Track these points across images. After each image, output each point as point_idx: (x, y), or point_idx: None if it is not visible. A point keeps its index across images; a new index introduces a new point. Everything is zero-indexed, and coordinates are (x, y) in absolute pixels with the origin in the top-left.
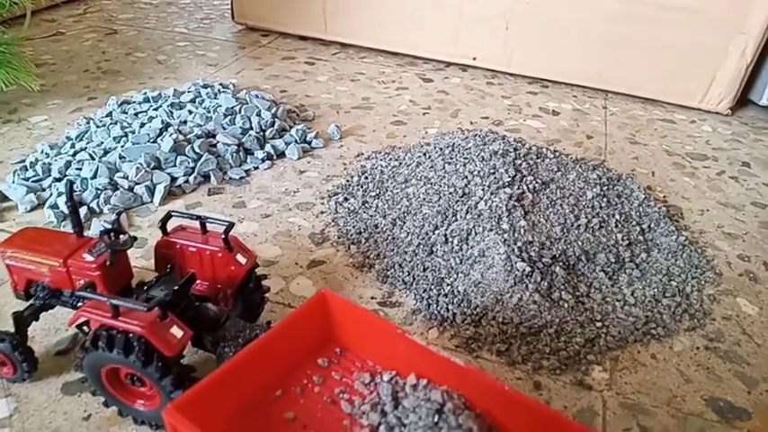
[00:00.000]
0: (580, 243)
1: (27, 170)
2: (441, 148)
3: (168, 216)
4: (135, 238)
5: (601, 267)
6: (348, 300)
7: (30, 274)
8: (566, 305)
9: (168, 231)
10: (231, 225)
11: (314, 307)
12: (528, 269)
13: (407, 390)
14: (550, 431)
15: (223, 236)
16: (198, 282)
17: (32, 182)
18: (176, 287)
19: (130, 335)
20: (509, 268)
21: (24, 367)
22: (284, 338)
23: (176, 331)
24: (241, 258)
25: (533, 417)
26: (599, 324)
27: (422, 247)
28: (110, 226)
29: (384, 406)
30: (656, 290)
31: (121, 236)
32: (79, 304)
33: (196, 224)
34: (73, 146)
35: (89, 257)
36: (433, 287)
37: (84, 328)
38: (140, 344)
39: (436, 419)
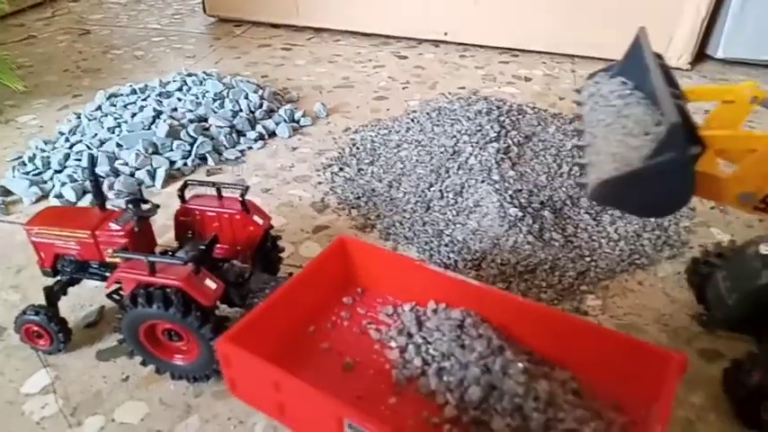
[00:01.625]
0: (564, 189)
1: (26, 164)
2: (428, 113)
3: (185, 184)
4: (158, 206)
5: (585, 210)
6: (365, 242)
7: (57, 249)
8: (556, 244)
9: (186, 199)
10: (246, 188)
11: (334, 251)
12: (520, 214)
13: (429, 314)
14: (561, 331)
15: (240, 198)
16: (219, 245)
17: (33, 175)
18: (203, 246)
19: (168, 289)
20: (503, 215)
21: (60, 338)
22: (311, 281)
23: (210, 283)
24: (258, 219)
25: (545, 320)
26: (588, 259)
27: (419, 204)
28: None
29: (409, 329)
30: (636, 226)
31: (144, 205)
32: (107, 274)
33: (211, 191)
34: (67, 140)
35: (116, 226)
36: (433, 239)
37: (114, 296)
38: (178, 297)
39: (458, 333)
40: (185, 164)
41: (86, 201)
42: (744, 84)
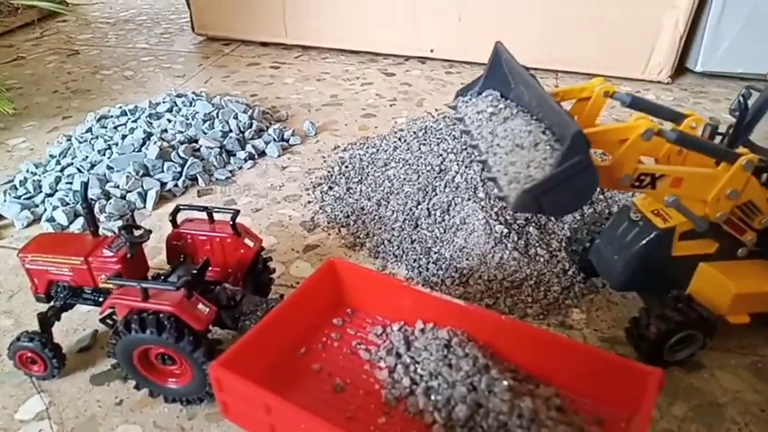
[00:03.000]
0: None
1: (17, 188)
2: (414, 132)
3: (177, 209)
4: (150, 231)
5: (569, 225)
6: (355, 264)
7: (51, 276)
8: (541, 259)
9: (178, 224)
10: (237, 212)
11: (324, 273)
12: (505, 231)
13: (416, 334)
14: (545, 349)
15: (231, 222)
16: (210, 268)
17: (24, 199)
18: (195, 270)
19: (161, 315)
20: (489, 231)
21: (54, 363)
22: (301, 303)
23: (203, 307)
24: (249, 242)
25: (529, 338)
26: (572, 273)
27: (407, 222)
28: (125, 223)
29: (398, 349)
30: None
31: (136, 230)
32: (100, 299)
33: (202, 215)
34: (58, 162)
35: (109, 252)
36: (421, 256)
37: (108, 320)
38: (171, 322)
39: (445, 353)
40: (176, 185)
41: (78, 224)
42: (593, 80)
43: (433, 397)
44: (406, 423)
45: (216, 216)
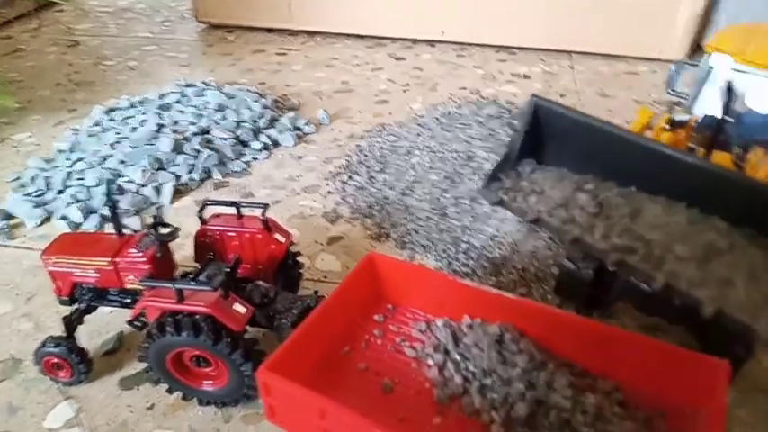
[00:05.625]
0: None
1: (26, 186)
2: (437, 118)
3: (204, 205)
4: (178, 229)
5: None
6: (394, 258)
7: (75, 278)
8: None
9: (205, 220)
10: (266, 206)
11: (364, 269)
12: None
13: (464, 329)
14: (601, 342)
15: (262, 217)
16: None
17: (35, 197)
18: (228, 269)
19: (197, 316)
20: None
21: (81, 368)
22: (342, 301)
23: (239, 307)
24: (279, 237)
25: (584, 332)
26: None
27: (434, 211)
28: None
29: (446, 346)
30: None
31: (164, 228)
32: (127, 300)
33: (230, 210)
34: (68, 158)
35: (137, 252)
36: (450, 246)
37: (137, 323)
38: (208, 323)
39: (498, 348)
40: (191, 178)
41: (93, 221)
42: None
43: (488, 395)
44: (463, 423)
45: (244, 211)
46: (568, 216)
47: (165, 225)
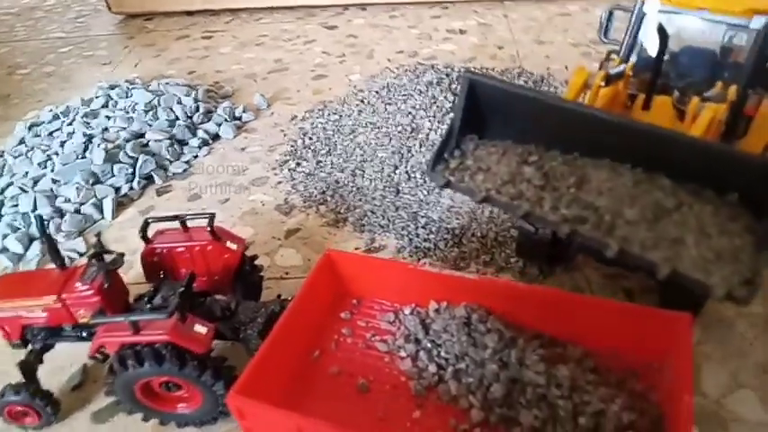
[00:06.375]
0: None
1: None
2: (377, 92)
3: (146, 224)
4: (123, 254)
5: None
6: (353, 252)
7: (23, 321)
8: None
9: (150, 239)
10: (213, 216)
11: (323, 268)
12: None
13: (432, 315)
14: (565, 310)
15: (209, 228)
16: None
17: None
18: (182, 289)
19: (157, 345)
20: None
21: (48, 411)
22: (306, 304)
23: (200, 328)
24: (232, 245)
25: (547, 301)
26: None
27: (388, 189)
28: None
29: (416, 335)
30: None
31: (107, 255)
32: (83, 334)
33: (174, 225)
34: None
35: (84, 286)
36: (409, 223)
37: (98, 355)
38: (170, 350)
39: (467, 331)
40: (131, 188)
41: (35, 249)
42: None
43: (464, 380)
44: (442, 412)
45: (189, 223)
46: (516, 191)
47: (107, 252)
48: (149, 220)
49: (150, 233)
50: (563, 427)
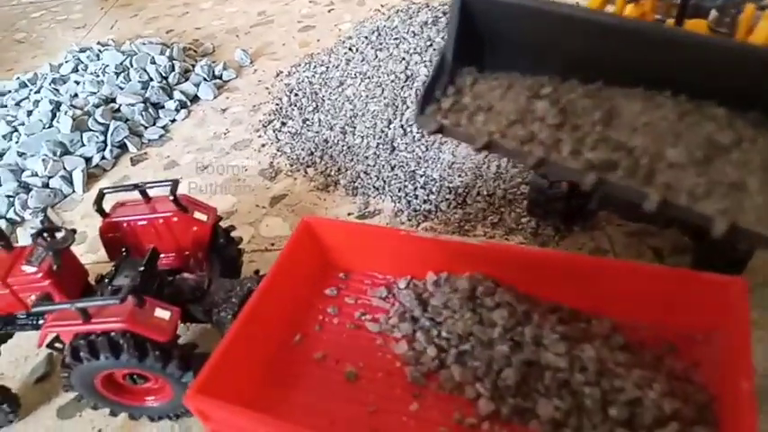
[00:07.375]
0: None
1: None
2: (366, 37)
3: (101, 195)
4: (74, 231)
5: None
6: (335, 219)
7: None
8: None
9: (108, 212)
10: (176, 183)
11: (301, 238)
12: None
13: (430, 288)
14: (588, 277)
15: (171, 197)
16: (162, 255)
17: None
18: (141, 268)
19: (112, 334)
20: None
21: (6, 409)
22: (282, 281)
23: (162, 313)
24: (200, 215)
25: (566, 268)
26: None
27: (381, 146)
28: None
29: (412, 312)
30: None
31: (57, 233)
32: (41, 322)
33: (135, 195)
34: None
35: (31, 268)
36: (407, 183)
37: (57, 344)
38: (127, 339)
39: (471, 306)
40: (103, 158)
41: (1, 224)
42: None
43: (469, 364)
44: (444, 403)
45: (152, 192)
46: (526, 134)
47: (57, 229)
48: (104, 191)
49: (110, 205)
50: (590, 420)
